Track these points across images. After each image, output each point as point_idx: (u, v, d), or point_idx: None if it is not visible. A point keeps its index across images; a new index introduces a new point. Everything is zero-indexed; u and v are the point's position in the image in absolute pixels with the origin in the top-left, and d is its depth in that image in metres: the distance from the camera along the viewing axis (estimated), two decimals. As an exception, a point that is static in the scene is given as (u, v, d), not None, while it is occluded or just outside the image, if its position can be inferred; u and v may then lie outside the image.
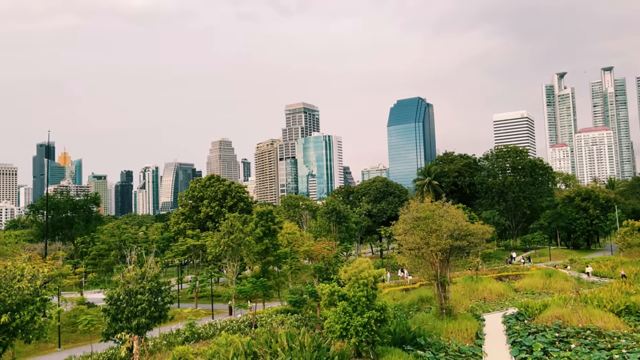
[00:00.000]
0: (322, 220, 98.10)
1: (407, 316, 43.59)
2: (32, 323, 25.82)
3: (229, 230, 55.85)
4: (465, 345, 35.01)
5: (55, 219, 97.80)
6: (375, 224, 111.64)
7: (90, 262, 79.62)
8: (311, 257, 67.18)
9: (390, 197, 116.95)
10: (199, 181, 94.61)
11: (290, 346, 27.80)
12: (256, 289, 49.06)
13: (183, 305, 59.96)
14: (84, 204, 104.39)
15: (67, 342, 45.30)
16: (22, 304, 25.26)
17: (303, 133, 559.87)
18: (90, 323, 40.81)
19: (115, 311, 31.39)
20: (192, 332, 39.98)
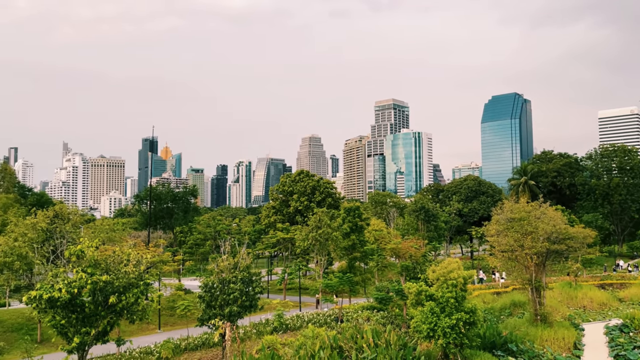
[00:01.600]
0: (410, 219, 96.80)
1: (498, 320, 42.00)
2: (136, 305, 27.80)
3: (317, 224, 56.80)
4: (562, 355, 33.12)
5: (157, 208, 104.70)
6: (465, 224, 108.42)
7: (188, 251, 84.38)
8: (398, 255, 66.57)
9: (482, 197, 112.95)
10: (289, 176, 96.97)
11: (375, 343, 27.82)
12: (342, 284, 49.51)
13: (272, 296, 61.87)
14: (183, 195, 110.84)
15: (166, 324, 48.41)
16: (128, 287, 27.29)
17: (392, 129, 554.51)
18: (186, 308, 43.34)
19: (209, 298, 33.10)
20: (280, 323, 41.18)
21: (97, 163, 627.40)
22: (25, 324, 43.16)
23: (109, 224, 67.04)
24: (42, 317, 29.59)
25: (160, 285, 55.51)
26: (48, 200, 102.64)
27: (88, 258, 26.99)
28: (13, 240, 44.50)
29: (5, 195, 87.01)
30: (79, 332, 25.71)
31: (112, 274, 27.07)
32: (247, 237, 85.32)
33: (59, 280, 25.74)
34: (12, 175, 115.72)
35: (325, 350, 26.66)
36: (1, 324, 41.34)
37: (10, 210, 66.02)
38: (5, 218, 60.05)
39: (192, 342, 36.80)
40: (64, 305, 25.26)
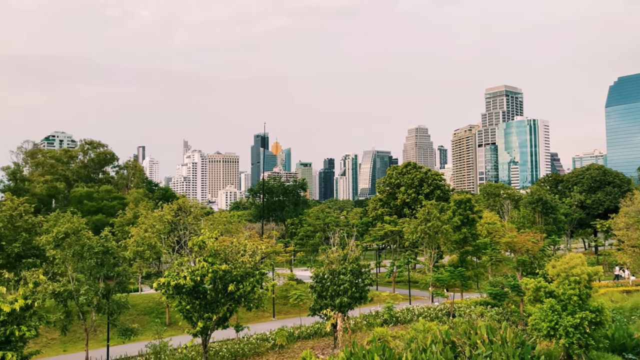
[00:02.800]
0: (525, 211, 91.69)
1: (629, 321, 38.53)
2: (253, 293, 29.28)
3: (425, 217, 55.86)
4: None
5: (269, 201, 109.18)
6: (588, 216, 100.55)
7: (299, 242, 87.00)
8: (513, 250, 63.42)
9: (608, 187, 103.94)
10: (396, 168, 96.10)
11: (490, 340, 26.81)
12: (454, 278, 48.30)
13: (381, 289, 61.99)
14: (294, 189, 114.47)
15: (280, 313, 50.45)
16: (245, 276, 28.82)
17: (504, 117, 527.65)
18: (299, 298, 44.81)
19: (320, 289, 33.94)
20: (390, 316, 41.17)
21: (214, 159, 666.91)
22: (155, 308, 47.26)
23: (226, 216, 71.07)
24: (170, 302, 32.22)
25: (273, 275, 57.89)
26: (172, 195, 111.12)
27: (209, 248, 28.89)
28: (144, 231, 48.76)
29: (136, 190, 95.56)
30: (202, 317, 27.64)
31: (230, 264, 28.72)
32: (354, 229, 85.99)
33: (183, 269, 27.83)
34: (141, 171, 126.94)
35: (437, 344, 26.19)
36: (135, 308, 45.54)
37: (141, 204, 72.34)
38: (137, 211, 65.92)
39: (304, 331, 38.01)
40: (189, 291, 27.28)
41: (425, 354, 24.08)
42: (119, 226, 63.95)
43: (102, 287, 32.25)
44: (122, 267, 33.99)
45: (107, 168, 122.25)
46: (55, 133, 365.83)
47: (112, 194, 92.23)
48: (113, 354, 34.17)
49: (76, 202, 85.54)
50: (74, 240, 33.01)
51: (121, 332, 34.01)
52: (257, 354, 33.79)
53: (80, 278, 32.65)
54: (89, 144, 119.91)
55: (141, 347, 34.33)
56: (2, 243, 45.99)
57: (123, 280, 34.29)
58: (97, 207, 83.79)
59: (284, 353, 34.06)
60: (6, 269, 42.09)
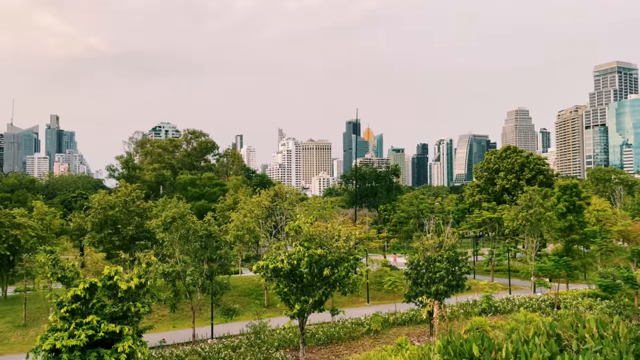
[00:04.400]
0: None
1: None
2: (347, 278, 29.56)
3: (527, 204, 53.16)
4: None
5: (362, 188, 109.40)
6: None
7: (392, 228, 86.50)
8: (627, 239, 58.68)
9: None
10: (495, 153, 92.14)
11: (600, 334, 25.09)
12: (558, 267, 45.65)
13: (479, 277, 60.07)
14: (386, 175, 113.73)
15: (374, 298, 50.56)
16: (340, 261, 29.14)
17: (616, 96, 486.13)
18: (393, 284, 44.69)
19: (415, 276, 33.59)
20: (489, 305, 39.88)
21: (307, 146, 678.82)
22: (254, 290, 49.28)
23: (320, 202, 72.27)
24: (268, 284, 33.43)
25: (367, 260, 58.10)
26: (268, 181, 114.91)
27: (304, 233, 29.52)
28: (243, 216, 50.87)
29: (235, 177, 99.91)
30: (299, 299, 28.39)
31: (325, 248, 29.17)
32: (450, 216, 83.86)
33: (281, 253, 28.70)
34: (239, 159, 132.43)
35: (541, 336, 24.92)
36: (236, 289, 47.79)
37: (240, 190, 75.53)
38: (236, 197, 68.90)
39: (399, 317, 37.87)
40: (286, 275, 28.12)
41: (528, 346, 23.02)
42: (220, 211, 67.17)
43: (206, 268, 34.17)
44: (224, 250, 35.73)
45: (208, 156, 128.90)
46: (162, 124, 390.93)
47: (213, 180, 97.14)
48: (217, 331, 36.17)
49: (181, 188, 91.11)
50: (180, 224, 35.16)
51: (224, 312, 35.90)
52: (353, 338, 34.20)
53: (187, 260, 34.79)
54: (191, 133, 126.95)
55: (242, 326, 36.01)
56: (118, 226, 50.18)
57: (225, 262, 36.08)
58: (199, 193, 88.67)
59: (379, 338, 34.18)
60: (122, 249, 45.97)
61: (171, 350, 30.09)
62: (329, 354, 31.20)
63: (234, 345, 31.37)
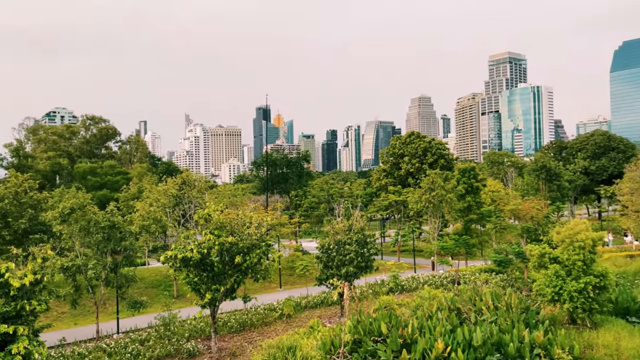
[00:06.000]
0: (529, 178, 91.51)
1: (633, 285, 38.84)
2: (259, 265, 29.49)
3: (430, 186, 55.81)
4: None
5: (273, 174, 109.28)
6: (592, 182, 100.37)
7: (303, 214, 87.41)
8: (518, 217, 63.51)
9: (612, 153, 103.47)
10: (399, 138, 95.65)
11: (495, 306, 27.08)
12: (458, 246, 48.56)
13: (386, 258, 62.44)
14: (297, 161, 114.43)
15: (286, 283, 50.98)
16: (251, 248, 28.97)
17: (508, 85, 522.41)
18: (305, 268, 45.22)
19: (326, 259, 34.21)
20: (396, 284, 41.59)
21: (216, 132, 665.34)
22: (163, 281, 47.81)
23: (230, 189, 71.20)
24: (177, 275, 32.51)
25: (279, 246, 58.31)
26: (175, 169, 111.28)
27: (214, 221, 28.98)
28: (149, 205, 48.94)
29: (139, 165, 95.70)
30: (209, 289, 27.91)
31: (236, 236, 28.84)
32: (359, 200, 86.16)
33: (190, 242, 27.99)
34: (144, 146, 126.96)
35: (443, 311, 26.48)
36: (143, 281, 46.10)
37: (145, 179, 72.52)
38: (141, 186, 66.08)
39: (311, 300, 38.48)
40: (196, 264, 27.49)
41: (431, 321, 24.35)
42: (124, 201, 64.22)
43: (110, 261, 32.55)
44: (129, 241, 34.20)
45: (110, 143, 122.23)
46: (56, 109, 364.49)
47: (116, 169, 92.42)
48: (123, 326, 34.73)
49: (80, 177, 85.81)
50: (80, 215, 33.12)
51: (130, 305, 34.48)
52: (265, 323, 34.29)
53: (88, 253, 32.93)
54: (90, 119, 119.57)
55: (150, 319, 34.86)
56: (9, 219, 46.31)
57: (130, 254, 34.57)
58: (101, 182, 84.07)
59: (292, 322, 34.55)
60: (14, 244, 42.50)
61: (73, 348, 28.45)
62: (241, 340, 31.07)
63: (142, 339, 30.30)
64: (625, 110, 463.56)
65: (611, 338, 24.65)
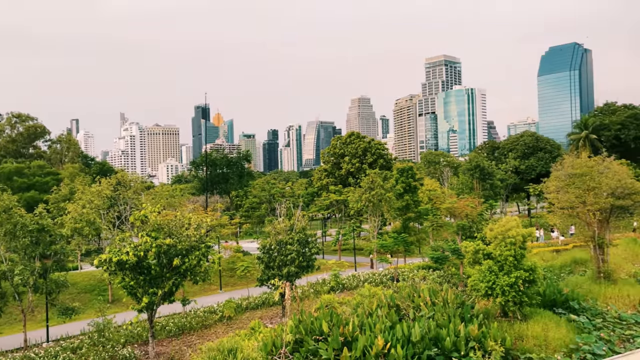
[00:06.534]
0: (464, 177, 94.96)
1: (559, 278, 41.08)
2: (199, 267, 28.90)
3: (370, 186, 56.73)
4: (627, 312, 32.14)
5: (213, 174, 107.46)
6: (522, 181, 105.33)
7: (244, 214, 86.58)
8: (453, 215, 65.71)
9: (540, 153, 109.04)
10: (340, 138, 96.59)
11: (432, 301, 27.90)
12: (397, 244, 49.60)
13: (327, 257, 62.87)
14: (237, 160, 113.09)
15: (227, 285, 50.27)
16: (190, 250, 28.37)
17: (444, 87, 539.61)
18: (246, 269, 44.79)
19: (267, 259, 34.03)
20: (337, 283, 41.95)
21: (153, 132, 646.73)
22: (97, 286, 45.93)
23: (168, 190, 69.41)
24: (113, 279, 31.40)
25: (219, 247, 57.43)
26: (110, 169, 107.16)
27: (151, 223, 28.16)
28: (81, 207, 46.91)
29: (71, 165, 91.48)
30: (147, 292, 27.09)
31: (174, 238, 28.17)
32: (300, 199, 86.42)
33: (125, 244, 27.05)
34: (75, 145, 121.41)
35: (383, 308, 26.99)
36: (75, 286, 44.11)
37: (77, 179, 69.31)
38: (73, 187, 63.18)
39: (252, 302, 38.15)
40: (132, 267, 26.61)
41: (371, 318, 24.75)
42: (54, 203, 61.20)
43: (39, 266, 30.91)
44: (60, 245, 32.60)
45: (38, 142, 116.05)
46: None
47: (45, 169, 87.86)
48: (53, 334, 33.08)
49: (5, 178, 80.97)
50: (5, 218, 31.23)
51: (61, 312, 32.87)
52: (205, 326, 33.67)
53: (15, 258, 31.12)
54: (16, 117, 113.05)
55: (83, 325, 33.39)
56: None
57: (61, 258, 32.96)
58: (28, 183, 79.71)
59: (232, 324, 34.12)
60: None
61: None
62: (180, 344, 30.36)
63: (74, 347, 28.98)
64: (552, 112, 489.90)
65: (540, 329, 25.97)
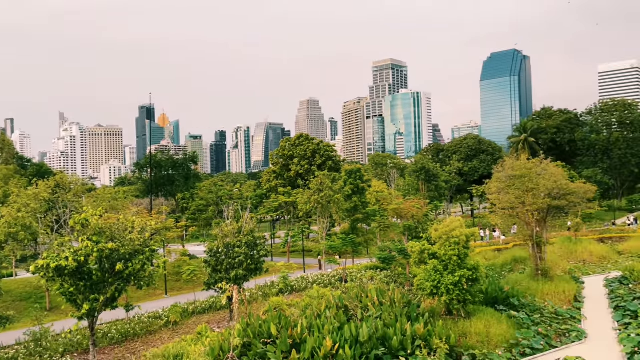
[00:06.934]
0: (410, 179, 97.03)
1: (500, 276, 42.65)
2: (143, 271, 28.07)
3: (318, 188, 56.95)
4: (563, 307, 33.72)
5: (158, 176, 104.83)
6: (466, 182, 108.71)
7: (191, 217, 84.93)
8: (400, 216, 67.00)
9: (482, 155, 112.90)
10: (289, 140, 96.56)
11: (380, 301, 28.28)
12: (346, 245, 50.03)
13: (276, 259, 62.59)
14: (184, 162, 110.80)
15: (173, 290, 49.13)
16: (134, 254, 27.50)
17: (391, 90, 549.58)
18: (192, 273, 43.94)
19: (215, 263, 33.51)
20: (285, 285, 41.81)
21: (95, 132, 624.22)
22: (33, 293, 43.82)
23: (111, 192, 67.25)
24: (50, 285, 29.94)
25: (165, 251, 56.09)
26: (48, 171, 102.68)
27: (93, 226, 27.11)
28: (16, 211, 44.71)
29: (5, 167, 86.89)
30: (87, 299, 26.05)
31: (117, 242, 27.24)
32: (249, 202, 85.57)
33: (65, 249, 25.92)
34: (10, 146, 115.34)
35: (331, 309, 27.12)
36: (9, 294, 41.96)
37: (11, 182, 66.03)
38: (7, 189, 60.11)
39: (199, 306, 37.46)
40: (72, 273, 25.51)
41: (320, 320, 24.81)
42: (-14, 207, 58.00)
43: (-31, 274, 29.20)
44: (-8, 251, 30.94)
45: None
46: None
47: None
48: (-14, 345, 31.28)
49: None
50: None
51: (-6, 322, 31.18)
52: (150, 332, 32.76)
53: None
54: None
55: (19, 335, 31.74)
56: None
57: (-6, 265, 31.29)
58: (-42, 186, 75.14)
59: (179, 329, 33.37)
60: None
61: None
62: (124, 352, 29.40)
63: (9, 357, 27.54)
64: (494, 116, 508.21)
65: (482, 326, 26.82)
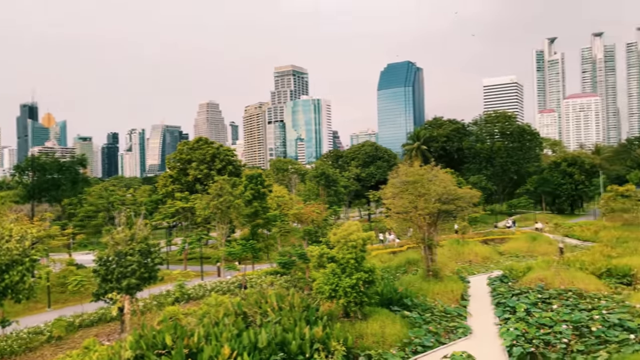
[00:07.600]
0: (311, 184, 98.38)
1: (395, 278, 44.35)
2: (22, 283, 25.87)
3: (218, 193, 55.83)
4: (451, 306, 35.82)
5: (41, 180, 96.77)
6: (363, 188, 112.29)
7: (79, 224, 79.59)
8: (300, 220, 67.59)
9: (379, 162, 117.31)
10: (187, 143, 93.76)
11: (279, 306, 28.23)
12: (245, 251, 49.49)
13: (172, 267, 60.36)
14: (71, 165, 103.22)
15: (57, 302, 45.55)
16: (11, 265, 25.25)
17: (292, 96, 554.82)
18: (80, 283, 41.10)
19: (105, 272, 31.57)
20: (182, 293, 40.46)
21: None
22: None
23: (-15, 197, 61.10)
24: None
25: (48, 261, 51.95)
26: None
27: (-38, 235, 24.48)
28: None
29: None
30: (-46, 316, 23.46)
31: (-9, 252, 24.81)
32: (143, 207, 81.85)
33: None
34: None
35: (230, 316, 26.61)
36: None
37: None
38: None
39: (87, 318, 35.07)
40: None
41: (218, 327, 24.25)
42: None
43: None
44: None
45: None
46: None
47: None
48: None
49: None
50: None
51: None
52: (30, 349, 30.06)
53: None
54: None
55: None
56: None
57: None
58: None
59: (63, 345, 30.96)
60: None
61: None
62: (-2, 373, 26.74)
63: None
64: (390, 124, 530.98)
65: (378, 327, 27.73)
